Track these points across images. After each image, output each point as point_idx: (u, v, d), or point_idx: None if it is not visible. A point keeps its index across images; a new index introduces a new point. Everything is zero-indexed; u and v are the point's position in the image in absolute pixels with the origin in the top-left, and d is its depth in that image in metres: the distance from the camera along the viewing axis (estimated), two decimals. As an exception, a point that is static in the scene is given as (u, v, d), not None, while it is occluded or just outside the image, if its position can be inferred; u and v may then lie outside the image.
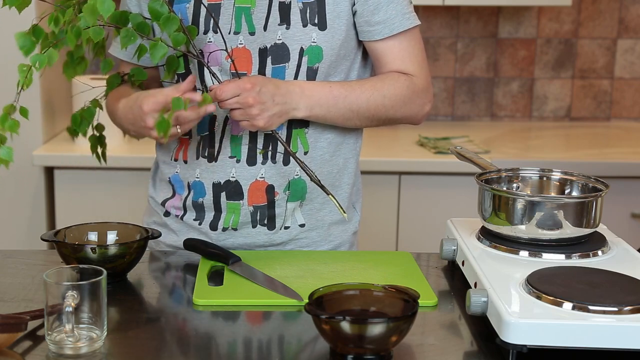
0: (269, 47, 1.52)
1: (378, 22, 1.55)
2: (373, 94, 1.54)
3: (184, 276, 1.50)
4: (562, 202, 1.36)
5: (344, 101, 1.52)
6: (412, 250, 1.57)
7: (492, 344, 1.15)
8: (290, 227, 1.60)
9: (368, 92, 1.54)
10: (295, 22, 1.52)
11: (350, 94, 1.52)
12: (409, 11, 1.58)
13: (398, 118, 1.60)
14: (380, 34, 1.56)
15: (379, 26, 1.55)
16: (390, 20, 1.55)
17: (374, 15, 1.55)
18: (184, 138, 1.61)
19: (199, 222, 1.61)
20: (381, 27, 1.55)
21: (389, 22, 1.55)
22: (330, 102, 1.51)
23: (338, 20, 1.54)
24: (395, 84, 1.56)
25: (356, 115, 1.54)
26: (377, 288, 1.19)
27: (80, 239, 1.44)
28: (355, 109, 1.53)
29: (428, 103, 1.61)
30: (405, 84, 1.57)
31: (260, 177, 1.56)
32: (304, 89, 1.50)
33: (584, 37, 3.22)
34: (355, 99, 1.52)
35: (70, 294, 1.12)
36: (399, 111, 1.58)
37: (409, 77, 1.57)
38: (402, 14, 1.56)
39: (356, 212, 1.71)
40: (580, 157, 2.74)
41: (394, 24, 1.55)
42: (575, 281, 1.20)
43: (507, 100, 3.26)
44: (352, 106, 1.53)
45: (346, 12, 1.54)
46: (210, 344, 1.21)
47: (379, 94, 1.54)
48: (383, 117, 1.57)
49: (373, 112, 1.55)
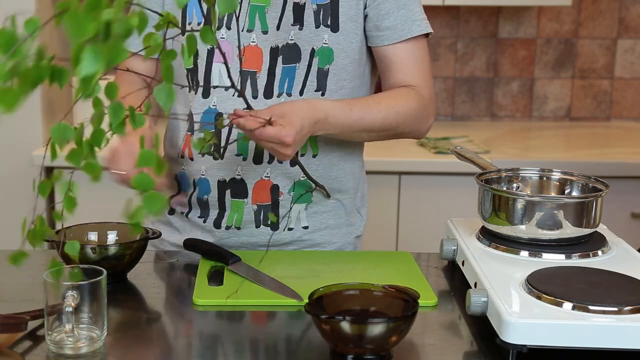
0: (281, 47, 1.52)
1: (387, 27, 1.54)
2: (388, 113, 1.52)
3: (184, 276, 1.50)
4: (562, 202, 1.37)
5: (360, 123, 1.50)
6: (412, 250, 1.57)
7: (492, 344, 1.15)
8: (294, 228, 1.60)
9: (384, 111, 1.51)
10: (309, 23, 1.52)
11: (367, 115, 1.50)
12: (421, 18, 1.56)
13: (406, 132, 1.59)
14: (389, 39, 1.55)
15: (388, 31, 1.54)
16: (400, 26, 1.54)
17: (384, 20, 1.54)
18: (188, 134, 1.60)
19: (204, 220, 1.61)
20: (390, 32, 1.54)
21: (399, 27, 1.54)
22: (347, 124, 1.48)
23: (351, 23, 1.53)
24: (407, 100, 1.54)
25: (367, 133, 1.54)
26: (377, 288, 1.19)
27: (81, 239, 1.44)
28: (368, 129, 1.52)
29: (432, 116, 1.60)
30: (416, 100, 1.55)
31: (266, 176, 1.56)
32: (328, 117, 1.45)
33: (584, 37, 3.22)
34: (371, 119, 1.50)
35: (70, 294, 1.12)
36: (408, 127, 1.57)
37: (418, 92, 1.56)
38: (413, 21, 1.55)
39: (361, 217, 1.71)
40: (580, 157, 2.73)
41: (404, 30, 1.54)
42: (575, 281, 1.20)
43: (507, 100, 3.26)
44: (366, 127, 1.51)
45: (359, 16, 1.54)
46: (210, 344, 1.21)
47: (393, 112, 1.52)
48: (392, 133, 1.56)
49: (385, 128, 1.54)
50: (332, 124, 1.46)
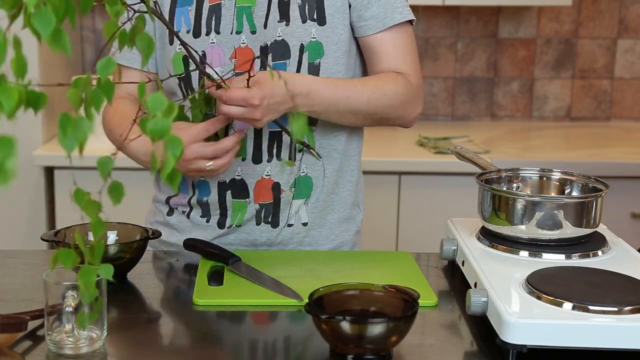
0: (270, 45, 1.52)
1: (371, 17, 1.55)
2: (374, 94, 1.53)
3: (184, 276, 1.50)
4: (562, 202, 1.37)
5: (345, 102, 1.51)
6: (412, 250, 1.57)
7: (492, 344, 1.15)
8: (293, 224, 1.60)
9: (369, 92, 1.52)
10: (295, 18, 1.52)
11: (352, 94, 1.51)
12: (402, 5, 1.57)
13: (393, 118, 1.59)
14: (373, 28, 1.55)
15: (371, 21, 1.55)
16: (382, 14, 1.55)
17: (367, 9, 1.55)
18: None
19: (207, 220, 1.61)
20: (374, 21, 1.55)
21: (381, 16, 1.55)
22: (332, 102, 1.49)
23: (338, 15, 1.54)
24: (395, 84, 1.55)
25: (353, 114, 1.54)
26: (377, 288, 1.19)
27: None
28: (354, 109, 1.52)
29: (420, 104, 1.60)
30: (403, 84, 1.56)
31: (266, 175, 1.56)
32: (311, 91, 1.47)
33: (584, 37, 3.22)
34: (356, 99, 1.51)
35: (70, 294, 1.12)
36: (395, 112, 1.57)
37: (405, 77, 1.57)
38: (395, 8, 1.56)
39: (360, 211, 1.71)
40: (580, 157, 2.73)
41: (386, 18, 1.55)
42: (575, 281, 1.20)
43: (507, 100, 3.26)
44: (352, 107, 1.52)
45: (345, 7, 1.55)
46: (210, 344, 1.21)
47: (380, 94, 1.53)
48: (379, 117, 1.56)
49: (371, 111, 1.54)
50: (316, 100, 1.47)
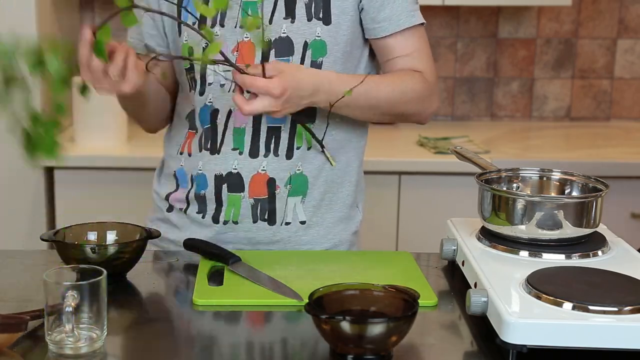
0: (274, 41, 1.53)
1: (384, 19, 1.56)
2: (393, 90, 1.55)
3: (184, 276, 1.50)
4: (562, 202, 1.37)
5: (365, 97, 1.52)
6: (412, 250, 1.57)
7: (492, 344, 1.15)
8: (291, 223, 1.60)
9: (389, 87, 1.54)
10: (300, 16, 1.53)
11: (371, 89, 1.52)
12: (415, 9, 1.59)
13: (410, 114, 1.61)
14: (386, 30, 1.57)
15: (384, 23, 1.57)
16: (396, 16, 1.57)
17: (380, 12, 1.56)
18: (190, 131, 1.63)
19: (202, 215, 1.62)
20: (387, 23, 1.57)
21: (395, 18, 1.57)
22: (353, 97, 1.49)
23: (343, 16, 1.55)
24: (413, 81, 1.57)
25: (373, 110, 1.56)
26: (377, 288, 1.19)
27: (80, 239, 1.44)
28: (374, 104, 1.54)
29: (436, 100, 1.63)
30: (421, 80, 1.58)
31: (262, 169, 1.57)
32: (332, 85, 1.48)
33: (584, 37, 3.22)
34: (376, 94, 1.53)
35: (70, 294, 1.12)
36: (412, 107, 1.59)
37: (422, 74, 1.59)
38: (408, 11, 1.58)
39: (359, 211, 1.71)
40: (580, 157, 2.73)
41: (400, 20, 1.57)
42: (575, 281, 1.20)
43: (507, 100, 3.26)
44: (371, 102, 1.53)
45: (352, 9, 1.56)
46: (210, 344, 1.21)
47: (399, 90, 1.55)
48: (397, 112, 1.59)
49: (390, 107, 1.56)
50: (337, 93, 1.47)
